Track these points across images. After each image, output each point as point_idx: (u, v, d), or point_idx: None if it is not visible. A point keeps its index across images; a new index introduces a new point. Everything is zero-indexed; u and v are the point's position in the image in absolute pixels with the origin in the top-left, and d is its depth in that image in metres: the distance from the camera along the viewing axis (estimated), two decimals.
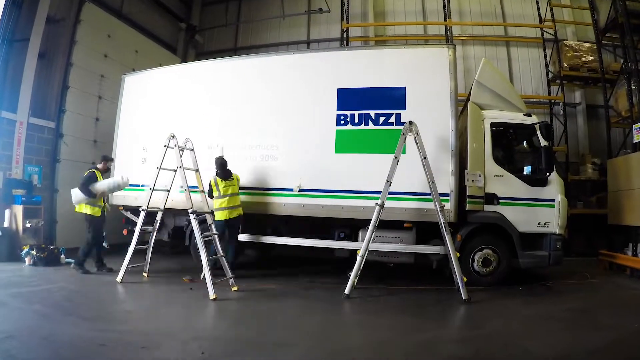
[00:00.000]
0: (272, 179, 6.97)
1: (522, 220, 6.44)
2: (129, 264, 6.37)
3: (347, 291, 5.70)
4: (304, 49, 12.70)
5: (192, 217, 5.90)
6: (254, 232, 7.14)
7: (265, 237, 7.12)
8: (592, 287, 6.85)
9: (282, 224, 7.29)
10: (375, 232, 6.71)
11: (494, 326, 4.65)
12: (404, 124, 6.46)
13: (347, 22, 12.30)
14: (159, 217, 6.94)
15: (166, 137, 6.42)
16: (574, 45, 11.20)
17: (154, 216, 6.97)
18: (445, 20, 11.82)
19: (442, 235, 5.80)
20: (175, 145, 6.34)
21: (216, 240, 6.14)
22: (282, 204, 6.90)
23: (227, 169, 6.74)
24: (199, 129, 7.45)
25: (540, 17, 11.58)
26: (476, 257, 6.50)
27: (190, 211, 5.96)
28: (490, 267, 6.49)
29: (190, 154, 6.52)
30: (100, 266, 7.07)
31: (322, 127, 6.84)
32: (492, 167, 6.55)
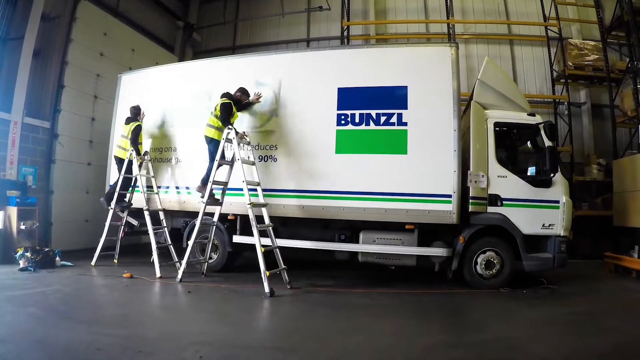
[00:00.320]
0: (271, 179, 6.97)
1: (526, 222, 6.44)
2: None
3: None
4: (303, 48, 12.71)
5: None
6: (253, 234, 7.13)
7: (264, 240, 7.11)
8: (598, 290, 6.85)
9: (281, 225, 7.29)
10: (376, 234, 6.74)
11: (498, 330, 4.65)
12: (406, 124, 6.49)
13: (348, 20, 12.31)
14: (162, 216, 7.17)
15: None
16: (578, 43, 11.18)
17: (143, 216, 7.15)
18: (447, 18, 11.83)
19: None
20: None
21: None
22: (281, 205, 6.91)
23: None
24: (197, 128, 7.46)
25: (544, 15, 11.58)
26: (479, 259, 6.50)
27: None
28: (493, 270, 6.49)
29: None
30: None
31: (322, 127, 6.84)
32: (495, 168, 6.56)
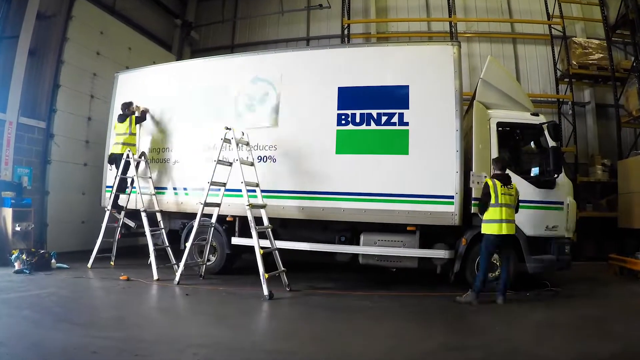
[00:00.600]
0: (270, 180, 6.98)
1: (530, 223, 6.42)
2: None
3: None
4: (303, 46, 12.73)
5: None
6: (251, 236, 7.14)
7: (263, 241, 7.11)
8: (602, 293, 6.85)
9: (280, 227, 7.30)
10: (377, 236, 6.74)
11: (500, 333, 4.66)
12: (407, 124, 6.49)
13: (348, 18, 12.34)
14: (159, 217, 7.20)
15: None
16: (583, 42, 11.21)
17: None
18: (449, 16, 11.86)
19: None
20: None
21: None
22: (280, 206, 6.92)
23: (507, 174, 5.92)
24: (195, 128, 7.49)
25: (548, 13, 11.61)
26: None
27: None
28: (496, 272, 6.48)
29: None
30: None
31: (322, 127, 6.85)
32: None
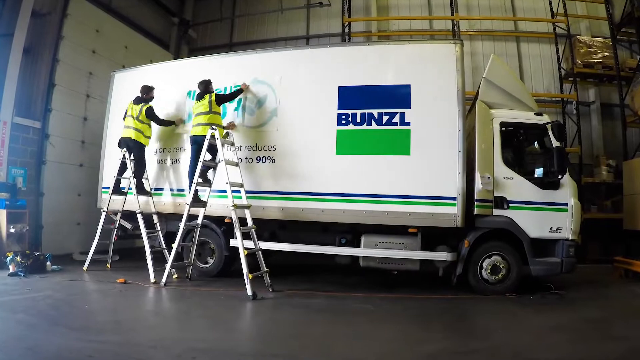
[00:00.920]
0: (269, 181, 6.99)
1: (533, 225, 6.45)
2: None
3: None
4: (303, 45, 12.76)
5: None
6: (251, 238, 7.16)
7: (262, 243, 7.13)
8: (607, 296, 6.85)
9: (279, 228, 7.31)
10: (378, 238, 6.75)
11: (503, 336, 4.66)
12: (408, 124, 6.51)
13: (349, 16, 12.36)
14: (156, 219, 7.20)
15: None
16: (587, 40, 11.22)
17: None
18: (452, 14, 11.84)
19: None
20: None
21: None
22: (279, 207, 6.93)
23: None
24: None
25: (552, 11, 11.63)
26: (485, 264, 6.50)
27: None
28: (499, 275, 6.49)
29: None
30: None
31: (322, 127, 6.86)
32: (501, 169, 6.57)
